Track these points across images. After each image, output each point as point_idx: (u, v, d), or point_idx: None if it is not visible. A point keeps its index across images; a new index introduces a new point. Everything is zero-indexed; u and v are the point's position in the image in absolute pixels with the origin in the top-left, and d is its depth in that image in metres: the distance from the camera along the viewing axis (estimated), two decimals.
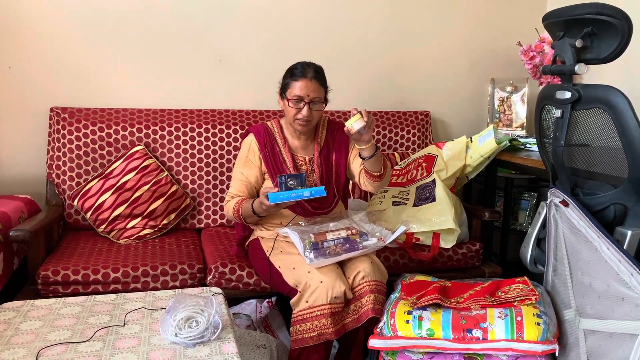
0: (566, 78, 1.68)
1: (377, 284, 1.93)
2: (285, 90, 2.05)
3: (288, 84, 2.04)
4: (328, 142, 2.18)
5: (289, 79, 2.05)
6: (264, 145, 2.11)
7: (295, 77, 2.02)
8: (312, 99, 2.01)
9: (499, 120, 3.09)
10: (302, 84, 2.00)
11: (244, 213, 2.03)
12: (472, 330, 1.67)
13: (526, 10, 3.17)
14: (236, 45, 2.82)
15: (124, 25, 2.67)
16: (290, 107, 2.02)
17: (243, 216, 2.04)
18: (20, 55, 2.58)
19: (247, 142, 2.16)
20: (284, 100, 2.07)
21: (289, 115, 2.05)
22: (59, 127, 2.53)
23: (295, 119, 2.04)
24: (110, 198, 2.42)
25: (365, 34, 2.99)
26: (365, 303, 1.90)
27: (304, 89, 2.00)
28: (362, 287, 1.92)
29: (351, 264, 1.96)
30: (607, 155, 1.61)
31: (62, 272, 2.05)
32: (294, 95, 2.01)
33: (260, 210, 1.96)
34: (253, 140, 2.13)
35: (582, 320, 1.61)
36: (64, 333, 1.53)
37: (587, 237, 1.59)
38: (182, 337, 1.46)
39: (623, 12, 1.49)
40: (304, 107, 2.01)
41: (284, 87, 2.07)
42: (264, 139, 2.12)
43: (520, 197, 2.95)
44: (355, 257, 1.95)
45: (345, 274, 1.95)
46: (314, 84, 2.01)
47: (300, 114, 2.02)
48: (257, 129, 2.16)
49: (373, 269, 1.95)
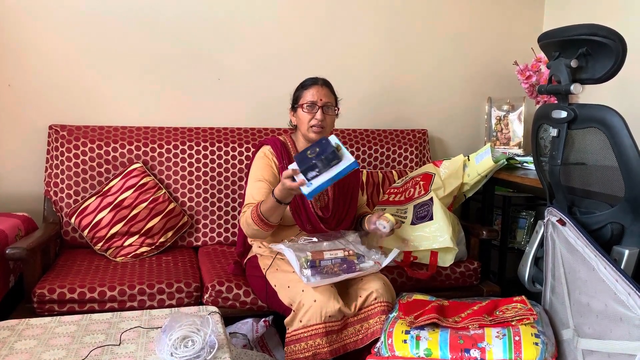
0: (562, 97, 1.69)
1: (389, 305, 1.92)
2: (297, 101, 2.11)
3: (300, 94, 2.11)
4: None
5: (300, 90, 2.12)
6: (281, 157, 2.12)
7: (306, 86, 2.10)
8: (324, 103, 2.07)
9: (496, 139, 3.10)
10: (314, 90, 2.08)
11: (265, 211, 1.92)
12: (470, 350, 1.66)
13: (522, 30, 3.21)
14: (235, 64, 2.84)
15: (123, 44, 2.69)
16: (305, 113, 2.07)
17: (265, 215, 1.92)
18: (20, 73, 2.59)
19: (263, 153, 2.15)
20: (296, 112, 2.12)
21: (303, 122, 2.09)
22: (58, 144, 2.53)
23: (310, 125, 2.07)
24: (107, 216, 2.42)
25: (363, 53, 3.01)
26: (374, 324, 1.88)
27: (316, 94, 2.07)
28: (374, 307, 1.90)
29: (363, 284, 1.95)
30: (603, 174, 1.62)
31: (58, 290, 2.04)
32: (307, 102, 2.07)
33: (285, 194, 1.86)
34: (270, 150, 2.15)
35: (581, 340, 1.60)
36: (58, 352, 1.51)
37: (584, 256, 1.59)
38: (177, 356, 1.45)
39: (617, 34, 1.51)
40: (318, 111, 2.06)
41: (295, 99, 2.13)
42: (280, 151, 2.13)
43: (518, 215, 2.95)
44: (363, 276, 1.95)
45: (356, 292, 1.94)
46: (325, 89, 2.10)
47: (315, 118, 2.06)
48: (273, 141, 2.17)
49: (385, 289, 1.94)
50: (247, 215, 1.98)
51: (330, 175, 1.77)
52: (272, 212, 1.92)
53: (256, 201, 2.01)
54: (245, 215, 2.00)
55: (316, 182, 1.78)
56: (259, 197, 2.02)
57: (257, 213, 1.93)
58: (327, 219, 2.13)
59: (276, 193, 1.88)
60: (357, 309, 1.91)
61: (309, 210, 2.09)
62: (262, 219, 1.93)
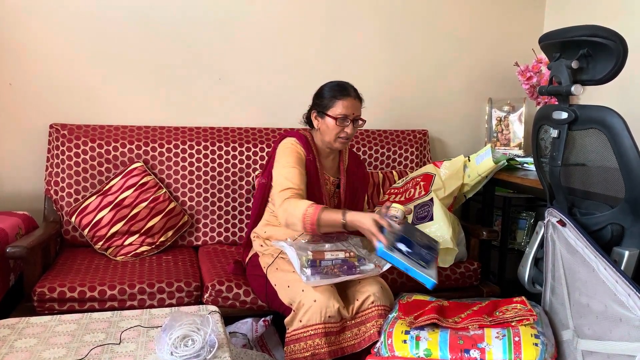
0: (563, 98, 1.69)
1: (386, 309, 1.91)
2: (327, 109, 2.04)
3: (331, 102, 2.03)
4: (352, 166, 2.22)
5: (330, 98, 2.04)
6: (308, 150, 2.09)
7: (341, 96, 2.03)
8: (356, 117, 2.05)
9: (497, 140, 3.10)
10: (348, 102, 2.02)
11: (324, 221, 1.84)
12: (469, 351, 1.66)
13: (523, 31, 3.21)
14: (236, 63, 2.84)
15: (124, 44, 2.69)
16: (336, 126, 2.03)
17: (321, 223, 1.84)
18: (21, 72, 2.59)
19: (290, 143, 2.07)
20: (323, 119, 2.06)
21: (330, 133, 2.05)
22: (58, 143, 2.53)
23: (338, 136, 2.05)
24: (108, 215, 2.42)
25: (363, 53, 3.01)
26: (371, 327, 1.88)
27: (350, 108, 2.03)
28: (371, 311, 1.90)
29: (361, 287, 1.94)
30: (604, 176, 1.62)
31: (59, 289, 2.04)
32: (339, 114, 2.02)
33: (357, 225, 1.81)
34: (296, 142, 2.08)
35: (580, 341, 1.61)
36: (58, 351, 1.51)
37: (585, 257, 1.59)
38: (177, 355, 1.45)
39: (618, 35, 1.51)
40: (349, 125, 2.03)
41: (324, 105, 2.05)
42: (306, 145, 2.09)
43: (518, 216, 2.95)
44: (362, 279, 1.95)
45: (354, 295, 1.93)
46: (357, 102, 2.07)
47: (344, 132, 2.04)
48: (298, 134, 2.12)
49: (383, 293, 1.94)
50: (298, 206, 1.87)
51: (409, 266, 1.71)
52: (329, 227, 1.87)
53: (297, 186, 1.95)
54: (292, 204, 1.88)
55: (396, 255, 1.72)
56: (298, 182, 1.96)
57: (316, 217, 1.84)
58: None
59: (349, 217, 1.82)
60: (354, 312, 1.91)
61: None
62: (315, 224, 1.84)
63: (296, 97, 2.88)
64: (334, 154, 2.17)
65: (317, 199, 2.05)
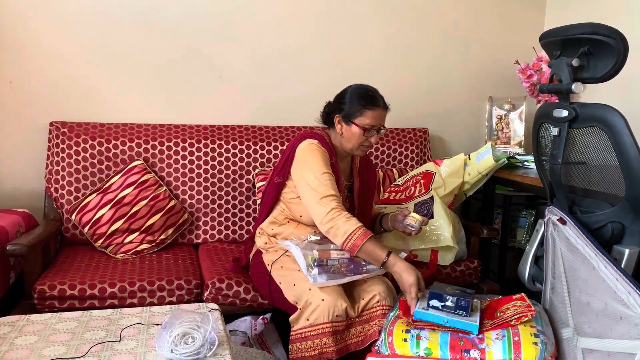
0: (563, 97, 1.69)
1: (390, 309, 1.92)
2: (354, 117, 1.98)
3: (359, 112, 1.97)
4: (363, 169, 2.20)
5: (359, 107, 1.98)
6: (331, 154, 2.04)
7: (371, 106, 1.97)
8: (381, 127, 2.02)
9: (497, 138, 3.10)
10: (378, 114, 1.99)
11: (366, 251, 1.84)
12: (469, 351, 1.66)
13: (524, 29, 3.20)
14: (236, 61, 2.84)
15: (124, 42, 2.69)
16: (360, 133, 1.99)
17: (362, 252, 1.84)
18: (21, 70, 2.59)
19: (316, 146, 2.00)
20: (349, 125, 2.00)
21: (353, 141, 2.01)
22: (59, 141, 2.53)
23: (360, 145, 2.02)
24: (108, 213, 2.42)
25: (363, 51, 3.01)
26: (374, 326, 1.89)
27: (378, 119, 1.99)
28: (376, 310, 1.91)
29: (367, 286, 1.95)
30: (604, 174, 1.62)
31: (59, 287, 2.04)
32: (368, 125, 1.97)
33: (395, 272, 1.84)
34: (319, 145, 2.02)
35: (581, 339, 1.61)
36: (59, 348, 1.52)
37: (585, 255, 1.59)
38: (178, 353, 1.45)
39: (619, 32, 1.51)
40: (374, 135, 2.01)
41: (352, 113, 1.99)
42: (329, 148, 2.05)
43: (519, 214, 2.95)
44: (367, 278, 1.95)
45: (359, 294, 1.94)
46: (385, 112, 2.03)
47: (368, 141, 2.01)
48: (321, 137, 2.05)
49: (388, 293, 1.94)
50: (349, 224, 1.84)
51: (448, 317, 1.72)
52: (367, 257, 1.88)
53: (337, 193, 1.92)
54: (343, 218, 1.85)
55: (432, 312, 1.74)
56: (336, 189, 1.94)
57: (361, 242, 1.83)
58: None
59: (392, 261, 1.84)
60: (360, 310, 1.91)
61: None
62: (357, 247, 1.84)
63: (297, 94, 2.90)
64: (348, 157, 2.14)
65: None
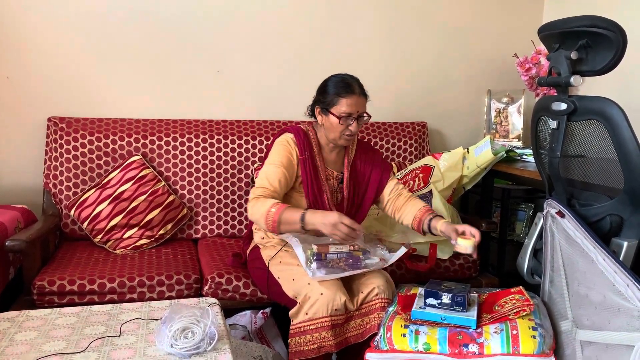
0: (562, 90, 1.69)
1: (389, 302, 1.92)
2: (331, 107, 1.98)
3: (334, 100, 1.97)
4: (357, 161, 2.16)
5: (334, 95, 1.98)
6: (303, 148, 2.05)
7: (344, 94, 1.96)
8: (360, 114, 2.00)
9: (496, 132, 3.10)
10: (352, 100, 1.96)
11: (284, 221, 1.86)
12: (468, 345, 1.67)
13: (522, 22, 3.20)
14: (234, 56, 2.83)
15: (122, 36, 2.68)
16: (340, 125, 1.98)
17: (281, 222, 1.86)
18: (18, 66, 2.58)
19: (285, 140, 2.05)
20: (327, 116, 2.00)
21: (334, 131, 2.00)
22: (57, 136, 2.53)
23: (342, 135, 2.01)
24: (107, 208, 2.42)
25: (362, 46, 3.01)
26: (373, 319, 1.89)
27: (354, 106, 1.97)
28: (375, 303, 1.91)
29: (365, 279, 1.95)
30: (602, 167, 1.62)
31: (58, 282, 2.04)
32: (344, 113, 1.96)
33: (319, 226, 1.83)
34: (292, 140, 2.05)
35: (579, 332, 1.61)
36: (59, 344, 1.52)
37: (583, 248, 1.59)
38: (177, 347, 1.45)
39: (617, 25, 1.51)
40: (353, 123, 1.99)
41: (327, 102, 1.99)
42: (303, 142, 2.06)
43: (517, 207, 2.95)
44: (366, 272, 1.95)
45: (358, 288, 1.94)
46: (362, 99, 2.00)
47: (349, 130, 1.99)
48: (297, 130, 2.08)
49: (387, 286, 1.95)
50: (262, 207, 1.88)
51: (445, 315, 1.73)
52: (288, 228, 1.89)
53: (271, 185, 1.95)
54: (260, 204, 1.89)
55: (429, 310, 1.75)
56: (274, 181, 1.96)
57: (277, 216, 1.85)
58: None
59: (308, 218, 1.84)
60: (359, 304, 1.92)
61: (325, 207, 2.06)
62: (276, 222, 1.86)
63: (295, 89, 2.89)
64: (340, 148, 2.13)
65: (316, 197, 2.05)
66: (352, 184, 2.14)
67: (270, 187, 1.96)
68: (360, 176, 2.16)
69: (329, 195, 2.09)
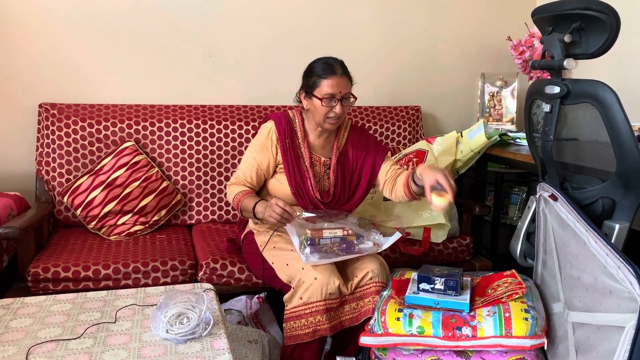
0: (555, 73, 1.69)
1: (383, 285, 1.93)
2: (313, 90, 1.97)
3: (316, 82, 1.96)
4: (349, 147, 2.13)
5: (316, 77, 1.96)
6: (284, 136, 2.05)
7: (325, 75, 1.95)
8: (343, 95, 1.96)
9: (489, 115, 3.10)
10: (333, 81, 1.94)
11: (243, 208, 2.01)
12: (461, 328, 1.68)
13: (516, 5, 3.18)
14: (226, 40, 2.81)
15: (113, 21, 2.65)
16: (323, 107, 1.96)
17: (242, 209, 2.02)
18: (9, 51, 2.55)
19: (266, 128, 2.09)
20: (310, 99, 1.99)
21: (318, 114, 1.98)
22: (48, 123, 2.51)
23: (327, 117, 1.98)
24: (100, 194, 2.41)
25: (356, 30, 2.98)
26: (368, 303, 1.90)
27: (336, 87, 1.94)
28: (369, 287, 1.92)
29: (360, 264, 1.95)
30: (595, 150, 1.63)
31: (53, 269, 2.04)
32: (326, 94, 1.94)
33: (262, 217, 1.94)
34: (273, 128, 2.07)
35: (571, 313, 1.63)
36: (54, 330, 1.52)
37: (576, 230, 1.60)
38: (173, 333, 1.46)
39: (611, 8, 1.50)
40: (337, 105, 1.96)
41: (310, 85, 1.98)
42: (284, 129, 2.06)
43: (511, 191, 2.96)
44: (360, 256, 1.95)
45: (353, 272, 1.95)
46: (344, 79, 1.96)
47: (333, 112, 1.97)
48: (278, 117, 2.09)
49: (381, 270, 1.95)
50: (232, 193, 2.06)
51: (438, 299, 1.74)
52: (248, 215, 2.04)
53: (244, 177, 2.08)
54: (230, 190, 2.08)
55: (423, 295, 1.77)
56: (247, 175, 2.08)
57: (239, 204, 2.02)
58: (329, 203, 2.09)
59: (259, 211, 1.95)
60: (353, 288, 1.93)
61: (310, 194, 2.06)
62: (240, 210, 2.04)
63: (288, 74, 2.85)
64: (328, 133, 2.11)
65: (298, 183, 2.05)
66: (340, 169, 2.11)
67: (242, 177, 2.09)
68: (351, 162, 2.13)
69: (313, 182, 2.07)
